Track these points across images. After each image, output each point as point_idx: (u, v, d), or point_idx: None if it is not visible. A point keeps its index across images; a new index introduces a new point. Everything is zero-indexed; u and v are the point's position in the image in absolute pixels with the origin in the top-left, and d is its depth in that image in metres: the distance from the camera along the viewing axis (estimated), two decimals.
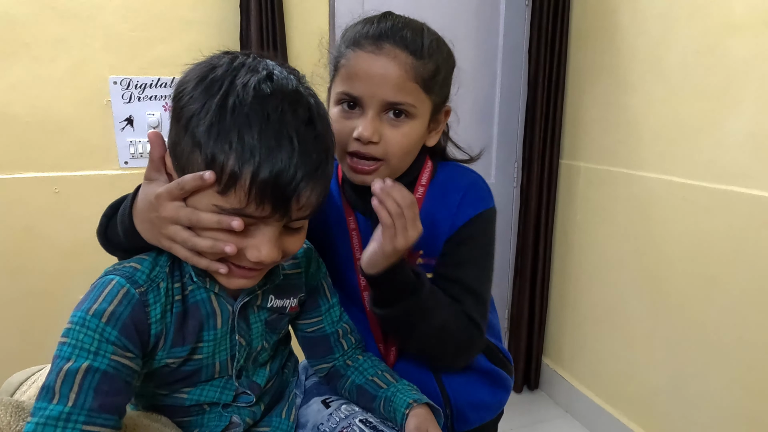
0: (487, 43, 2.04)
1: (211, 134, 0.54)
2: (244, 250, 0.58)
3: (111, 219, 0.68)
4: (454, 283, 0.80)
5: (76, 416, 0.53)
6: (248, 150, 0.53)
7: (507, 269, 2.32)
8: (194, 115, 0.55)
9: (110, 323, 0.56)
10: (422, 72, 0.74)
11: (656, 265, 1.66)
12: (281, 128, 0.55)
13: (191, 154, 0.56)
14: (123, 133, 1.65)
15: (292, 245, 0.63)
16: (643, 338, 1.73)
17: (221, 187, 0.55)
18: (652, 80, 1.63)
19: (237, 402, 0.71)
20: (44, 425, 0.52)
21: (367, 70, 0.73)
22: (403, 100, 0.73)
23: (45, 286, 1.64)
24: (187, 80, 0.58)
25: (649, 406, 1.73)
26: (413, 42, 0.74)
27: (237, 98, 0.55)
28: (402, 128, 0.75)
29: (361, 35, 0.75)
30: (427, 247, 0.82)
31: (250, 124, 0.54)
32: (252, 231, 0.58)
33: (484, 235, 0.83)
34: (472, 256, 0.81)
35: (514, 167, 2.22)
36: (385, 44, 0.73)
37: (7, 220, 1.57)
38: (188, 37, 1.64)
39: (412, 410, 0.72)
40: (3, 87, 1.51)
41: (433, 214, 0.81)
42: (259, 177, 0.53)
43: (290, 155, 0.55)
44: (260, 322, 0.71)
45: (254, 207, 0.55)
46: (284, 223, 0.60)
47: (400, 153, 0.76)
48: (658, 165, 1.63)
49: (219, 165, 0.54)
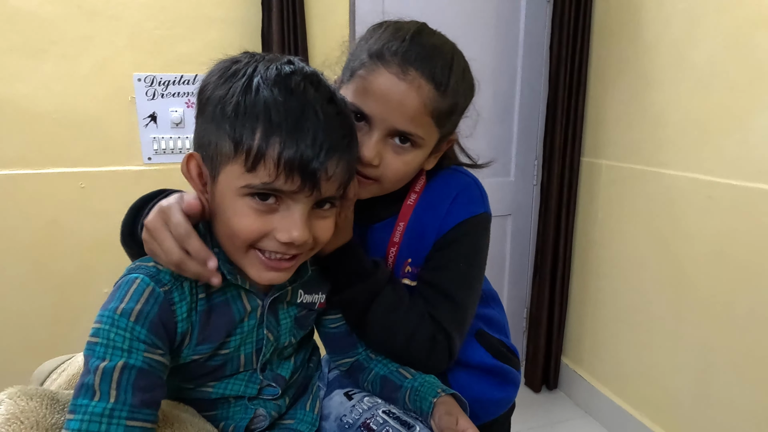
0: (507, 39, 2.03)
1: (237, 114, 0.56)
2: (273, 232, 0.59)
3: (139, 211, 0.69)
4: (429, 286, 0.79)
5: (119, 412, 0.54)
6: (274, 124, 0.55)
7: (526, 268, 2.30)
8: (219, 101, 0.57)
9: (139, 322, 0.57)
10: (440, 107, 0.72)
11: (680, 265, 1.63)
12: (305, 102, 0.57)
13: (219, 141, 0.57)
14: (147, 130, 1.68)
15: (322, 231, 0.63)
16: (667, 339, 1.70)
17: (249, 164, 0.56)
18: (677, 76, 1.60)
19: (262, 395, 0.71)
20: (89, 422, 0.53)
21: (386, 93, 0.69)
22: (414, 131, 0.71)
23: (70, 277, 1.68)
24: (211, 75, 0.61)
25: (672, 408, 1.70)
26: (441, 74, 0.71)
27: (260, 78, 0.57)
28: (404, 156, 0.74)
29: (388, 51, 0.70)
30: (415, 254, 0.81)
31: (274, 99, 0.56)
32: (281, 212, 0.59)
33: (469, 241, 0.80)
34: (452, 261, 0.79)
35: (533, 165, 2.20)
36: (412, 70, 0.69)
37: (35, 214, 1.61)
38: (211, 35, 1.66)
39: (439, 399, 0.72)
40: (32, 84, 1.54)
41: (423, 221, 0.80)
42: (286, 149, 0.55)
43: (315, 127, 0.56)
44: (290, 318, 0.71)
45: (283, 180, 0.56)
46: (314, 201, 0.60)
47: (396, 179, 0.75)
48: (683, 162, 1.60)
49: (246, 143, 0.55)
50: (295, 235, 0.58)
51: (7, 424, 0.57)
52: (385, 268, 0.78)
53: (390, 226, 0.82)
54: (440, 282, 0.78)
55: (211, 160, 0.59)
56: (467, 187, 0.82)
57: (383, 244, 0.82)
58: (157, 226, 0.59)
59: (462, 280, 0.79)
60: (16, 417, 0.57)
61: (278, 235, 0.59)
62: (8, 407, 0.58)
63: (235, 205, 0.58)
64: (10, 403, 0.58)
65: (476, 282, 0.82)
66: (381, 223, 0.82)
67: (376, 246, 0.82)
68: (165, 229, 0.59)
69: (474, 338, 0.89)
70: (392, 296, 0.77)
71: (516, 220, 2.24)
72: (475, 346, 0.89)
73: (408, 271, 0.82)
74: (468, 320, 0.81)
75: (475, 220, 0.80)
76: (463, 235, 0.79)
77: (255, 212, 0.58)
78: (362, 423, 0.72)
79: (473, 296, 0.81)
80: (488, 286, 0.96)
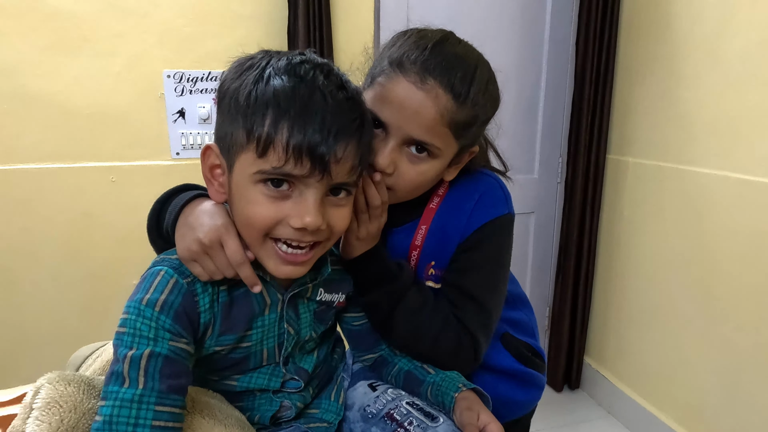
0: (532, 35, 2.00)
1: (249, 103, 0.58)
2: (287, 218, 0.59)
3: (164, 204, 0.71)
4: (454, 288, 0.79)
5: (147, 398, 0.56)
6: (283, 109, 0.56)
7: (549, 266, 2.28)
8: (234, 93, 0.59)
9: (164, 312, 0.59)
10: (458, 119, 0.71)
11: (709, 265, 1.60)
12: (314, 88, 0.58)
13: (234, 131, 0.59)
14: (175, 125, 1.72)
15: (338, 220, 0.63)
16: (694, 340, 1.67)
17: (260, 150, 0.57)
18: (709, 72, 1.56)
19: (285, 388, 0.72)
20: (120, 407, 0.55)
21: (403, 101, 0.69)
22: (430, 141, 0.71)
23: (102, 268, 1.73)
24: (228, 72, 0.63)
25: (698, 410, 1.67)
26: (460, 85, 0.69)
27: (272, 69, 0.59)
28: (420, 166, 0.73)
29: (408, 59, 0.70)
30: (438, 257, 0.81)
31: (284, 86, 0.57)
32: (294, 198, 0.59)
33: (494, 243, 0.80)
34: (476, 263, 0.79)
35: (558, 162, 2.17)
36: (430, 79, 0.68)
37: (69, 207, 1.67)
38: (238, 32, 1.68)
39: (461, 393, 0.72)
40: (66, 81, 1.59)
41: (446, 223, 0.80)
42: (295, 133, 0.56)
43: (324, 111, 0.57)
44: (309, 312, 0.73)
45: (293, 164, 0.56)
46: (327, 186, 0.60)
47: (410, 188, 0.75)
48: (714, 160, 1.56)
49: (257, 130, 0.57)
50: (308, 221, 0.58)
51: (47, 408, 0.59)
52: (410, 270, 0.79)
53: (411, 230, 0.82)
54: (465, 284, 0.78)
55: (228, 151, 0.61)
56: (491, 188, 0.82)
57: (405, 247, 0.82)
58: (214, 245, 0.61)
59: (487, 282, 0.79)
60: (55, 401, 0.60)
61: (291, 221, 0.59)
62: (48, 392, 0.60)
63: (249, 193, 0.59)
64: (49, 388, 0.61)
65: (501, 283, 0.82)
66: (402, 227, 0.83)
67: (396, 249, 0.82)
68: (220, 249, 0.62)
69: (499, 341, 0.89)
70: (417, 298, 0.77)
71: (539, 218, 2.22)
72: (499, 350, 0.89)
73: (432, 273, 0.82)
74: (494, 322, 0.81)
75: (499, 222, 0.79)
76: (487, 236, 0.79)
77: (268, 199, 0.59)
78: (386, 413, 0.73)
79: (498, 298, 0.81)
80: (516, 288, 0.95)
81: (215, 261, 0.61)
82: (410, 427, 0.69)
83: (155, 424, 0.55)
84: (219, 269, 0.61)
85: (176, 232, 0.65)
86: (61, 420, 0.59)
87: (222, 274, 0.62)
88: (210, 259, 0.61)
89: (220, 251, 0.61)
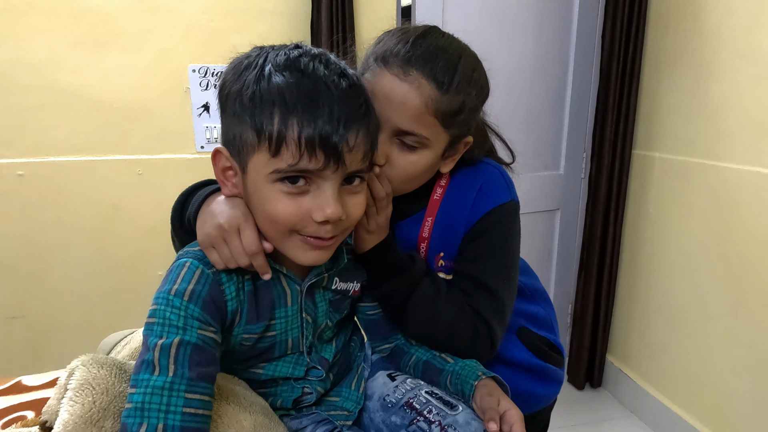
0: (559, 29, 1.97)
1: (254, 103, 0.58)
2: (309, 212, 0.60)
3: (188, 197, 0.72)
4: (464, 278, 0.79)
5: (178, 385, 0.57)
6: (290, 106, 0.56)
7: (572, 262, 2.25)
8: (237, 95, 0.59)
9: (192, 301, 0.60)
10: (444, 107, 0.71)
11: (738, 263, 1.56)
12: (316, 80, 0.58)
13: (242, 133, 0.59)
14: (200, 119, 1.74)
15: (354, 208, 0.64)
16: (723, 339, 1.63)
17: (273, 149, 0.57)
18: (741, 65, 1.52)
19: (308, 376, 0.74)
20: (151, 395, 0.56)
21: (388, 94, 0.71)
22: (417, 131, 0.72)
23: (130, 258, 1.77)
24: (227, 74, 0.63)
25: (726, 412, 1.64)
26: (442, 74, 0.71)
27: (272, 66, 0.59)
28: (410, 156, 0.74)
29: (391, 53, 0.72)
30: (446, 248, 0.81)
31: (287, 82, 0.57)
32: (313, 192, 0.60)
33: (499, 230, 0.80)
34: (484, 252, 0.79)
35: (582, 158, 2.14)
36: (412, 70, 0.70)
37: (98, 199, 1.71)
38: (262, 27, 1.70)
39: (480, 381, 0.72)
40: (96, 76, 1.63)
41: (450, 214, 0.80)
42: (305, 127, 0.56)
43: (330, 102, 0.57)
44: (325, 301, 0.74)
45: (307, 159, 0.57)
46: (342, 176, 0.61)
47: (402, 179, 0.75)
48: (745, 155, 1.52)
49: (267, 129, 0.57)
50: (329, 212, 0.59)
51: (80, 389, 0.61)
52: (421, 261, 0.79)
53: (417, 222, 0.82)
54: (475, 273, 0.79)
55: (239, 154, 0.61)
56: (492, 176, 0.82)
57: (413, 240, 0.83)
58: (232, 231, 0.63)
59: (496, 270, 0.80)
60: (88, 383, 0.62)
61: (314, 215, 0.60)
62: (82, 374, 0.62)
63: (268, 192, 0.60)
64: (83, 370, 0.63)
65: (511, 270, 0.82)
66: (408, 219, 0.83)
67: (405, 242, 0.83)
68: (236, 235, 0.63)
69: (515, 335, 0.89)
70: (430, 288, 0.78)
71: (564, 214, 2.19)
72: (516, 344, 0.89)
73: (441, 265, 0.83)
74: (507, 308, 0.81)
75: (503, 209, 0.79)
76: (492, 224, 0.79)
77: (287, 196, 0.59)
78: (405, 402, 0.73)
79: (509, 284, 0.81)
80: (534, 282, 0.95)
81: (231, 247, 0.62)
82: (429, 416, 0.69)
83: (186, 411, 0.56)
84: (234, 257, 0.62)
85: (198, 219, 0.66)
86: (94, 402, 0.61)
87: (236, 262, 0.62)
88: (226, 246, 0.62)
89: (236, 238, 0.62)
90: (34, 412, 0.90)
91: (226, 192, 0.66)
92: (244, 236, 0.62)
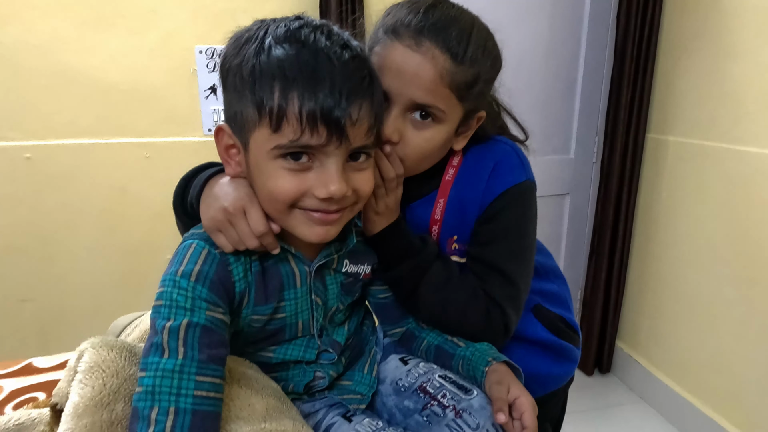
0: (572, 9, 1.92)
1: (254, 77, 0.56)
2: (311, 189, 0.58)
3: (189, 181, 0.71)
4: (478, 261, 0.78)
5: (188, 368, 0.56)
6: (290, 79, 0.54)
7: (582, 248, 2.23)
8: (237, 69, 0.57)
9: (199, 282, 0.59)
10: (459, 78, 0.69)
11: (753, 250, 1.53)
12: (317, 51, 0.56)
13: (243, 108, 0.57)
14: (207, 102, 1.72)
15: (362, 184, 0.62)
16: (735, 326, 1.61)
17: (273, 124, 0.55)
18: (762, 44, 1.48)
19: (320, 360, 0.73)
20: (162, 377, 0.55)
21: (400, 66, 0.68)
22: (432, 103, 0.69)
23: (138, 241, 1.77)
24: (227, 48, 0.61)
25: (737, 399, 1.62)
26: (457, 44, 0.68)
27: (272, 38, 0.56)
28: (425, 132, 0.71)
29: (402, 24, 0.69)
30: (459, 231, 0.79)
31: (287, 55, 0.55)
32: (316, 169, 0.58)
33: (514, 212, 0.77)
34: (498, 234, 0.77)
35: (594, 141, 2.11)
36: (425, 41, 0.67)
37: (105, 182, 1.70)
38: (269, 6, 1.66)
39: (491, 367, 0.71)
40: (103, 57, 1.61)
41: (463, 196, 0.78)
42: (306, 101, 0.54)
43: (332, 74, 0.55)
44: (336, 284, 0.73)
45: (309, 134, 0.55)
46: (346, 152, 0.59)
47: (418, 156, 0.73)
48: (764, 138, 1.49)
49: (267, 104, 0.55)
50: (332, 189, 0.57)
51: (90, 371, 0.61)
52: (433, 244, 0.77)
53: (429, 203, 0.80)
54: (489, 256, 0.77)
55: (240, 130, 0.59)
56: (506, 155, 0.79)
57: (424, 222, 0.81)
58: (237, 213, 0.61)
59: (511, 253, 0.77)
60: (98, 365, 0.61)
61: (316, 192, 0.58)
62: (91, 356, 0.62)
63: (269, 169, 0.58)
64: (92, 352, 0.62)
65: (528, 253, 0.80)
66: (420, 200, 0.81)
67: (416, 224, 0.81)
68: (243, 217, 0.61)
69: (531, 313, 0.87)
70: (442, 272, 0.76)
71: (574, 199, 2.16)
72: (532, 321, 0.87)
73: (455, 248, 0.81)
74: (522, 293, 0.79)
75: (518, 189, 0.77)
76: (507, 206, 0.76)
77: (289, 173, 0.58)
78: (419, 386, 0.72)
79: (525, 268, 0.79)
80: (549, 260, 0.93)
81: (238, 230, 0.61)
82: (443, 400, 0.69)
83: (197, 394, 0.56)
84: (241, 239, 0.61)
85: (201, 203, 0.65)
86: (104, 384, 0.60)
87: (244, 244, 0.61)
88: (233, 229, 0.61)
89: (243, 219, 0.61)
90: (45, 393, 0.90)
91: (230, 171, 0.64)
92: (250, 217, 0.61)
